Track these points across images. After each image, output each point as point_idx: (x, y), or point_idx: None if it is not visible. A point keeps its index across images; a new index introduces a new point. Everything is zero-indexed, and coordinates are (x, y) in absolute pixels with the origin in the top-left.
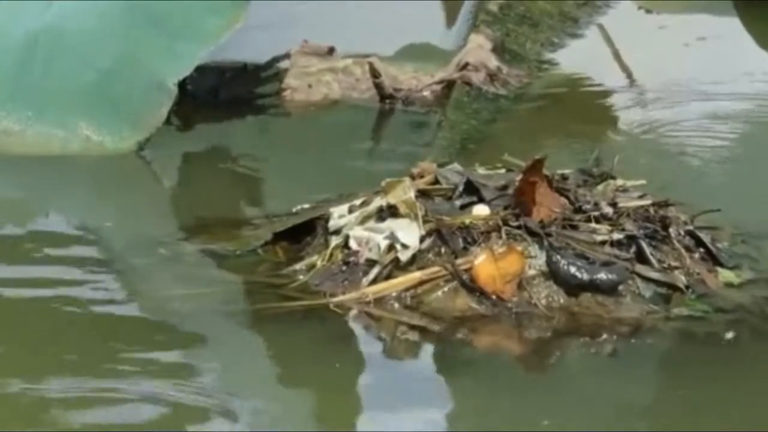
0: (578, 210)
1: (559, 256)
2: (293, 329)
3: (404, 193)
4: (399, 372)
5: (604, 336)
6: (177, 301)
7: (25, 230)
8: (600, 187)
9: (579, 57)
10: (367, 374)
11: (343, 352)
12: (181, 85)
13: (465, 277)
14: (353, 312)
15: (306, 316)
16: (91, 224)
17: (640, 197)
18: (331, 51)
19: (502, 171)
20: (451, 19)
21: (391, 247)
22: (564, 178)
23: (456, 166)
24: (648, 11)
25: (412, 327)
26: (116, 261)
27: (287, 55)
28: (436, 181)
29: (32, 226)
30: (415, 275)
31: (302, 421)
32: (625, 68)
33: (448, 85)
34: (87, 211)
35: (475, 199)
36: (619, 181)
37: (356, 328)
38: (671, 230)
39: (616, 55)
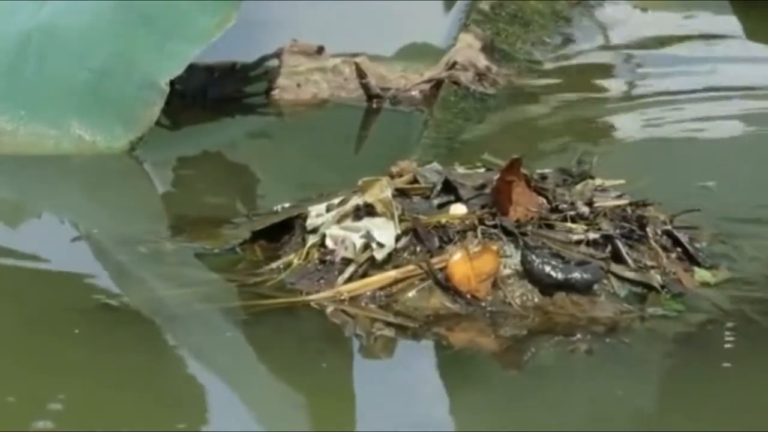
0: (555, 209)
1: (533, 256)
2: (269, 327)
3: (381, 191)
4: (373, 370)
5: (579, 335)
6: (155, 299)
7: (15, 229)
8: (578, 187)
9: (569, 57)
10: (342, 372)
11: (319, 349)
12: (170, 84)
13: (440, 276)
14: (329, 310)
15: (282, 315)
16: (77, 223)
17: (618, 197)
18: (320, 50)
19: (482, 170)
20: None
21: (366, 246)
22: (543, 177)
23: (435, 165)
24: (643, 10)
25: (388, 325)
26: (100, 259)
27: (276, 55)
28: (415, 180)
29: (23, 225)
30: (390, 274)
31: (278, 419)
32: (615, 68)
33: (437, 84)
34: (74, 210)
35: (452, 198)
36: (598, 181)
37: (331, 326)
38: (648, 230)
39: (607, 55)
